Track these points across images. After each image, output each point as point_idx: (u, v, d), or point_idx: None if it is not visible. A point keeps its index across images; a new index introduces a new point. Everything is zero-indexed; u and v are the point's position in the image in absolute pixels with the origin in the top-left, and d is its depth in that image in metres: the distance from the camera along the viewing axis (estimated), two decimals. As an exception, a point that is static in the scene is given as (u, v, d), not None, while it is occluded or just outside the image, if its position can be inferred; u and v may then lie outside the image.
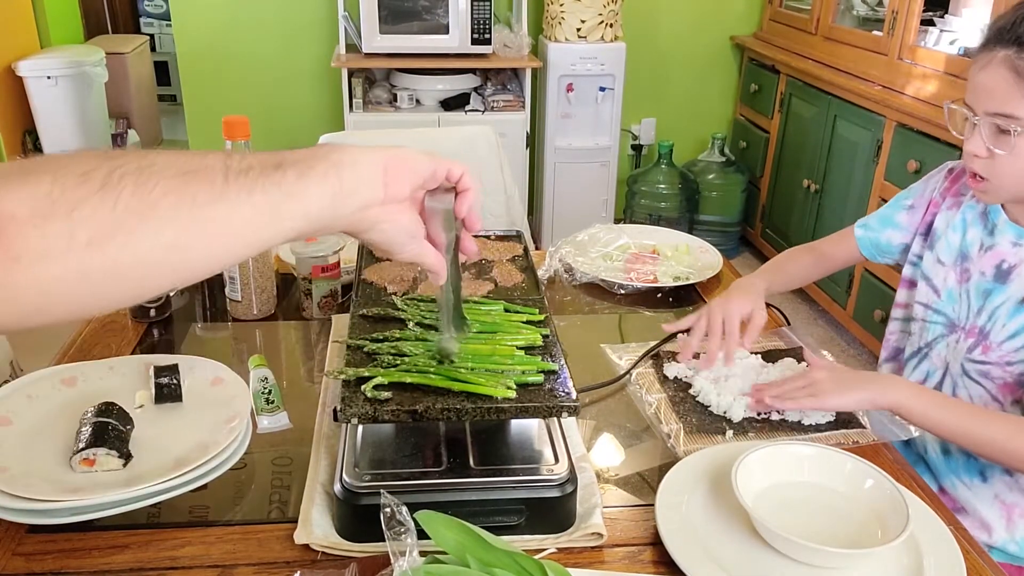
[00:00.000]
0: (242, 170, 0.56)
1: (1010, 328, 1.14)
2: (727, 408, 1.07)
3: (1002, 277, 1.15)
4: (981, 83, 1.06)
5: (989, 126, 1.06)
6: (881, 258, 1.34)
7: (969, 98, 1.09)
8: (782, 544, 0.81)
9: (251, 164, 0.57)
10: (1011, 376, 1.14)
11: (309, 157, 0.61)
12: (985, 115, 1.06)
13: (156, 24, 6.53)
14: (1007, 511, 1.18)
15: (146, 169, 0.53)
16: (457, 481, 0.85)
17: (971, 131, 1.08)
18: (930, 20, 2.89)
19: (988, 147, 1.06)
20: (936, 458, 1.24)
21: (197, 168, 0.55)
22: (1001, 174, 1.07)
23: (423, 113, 3.32)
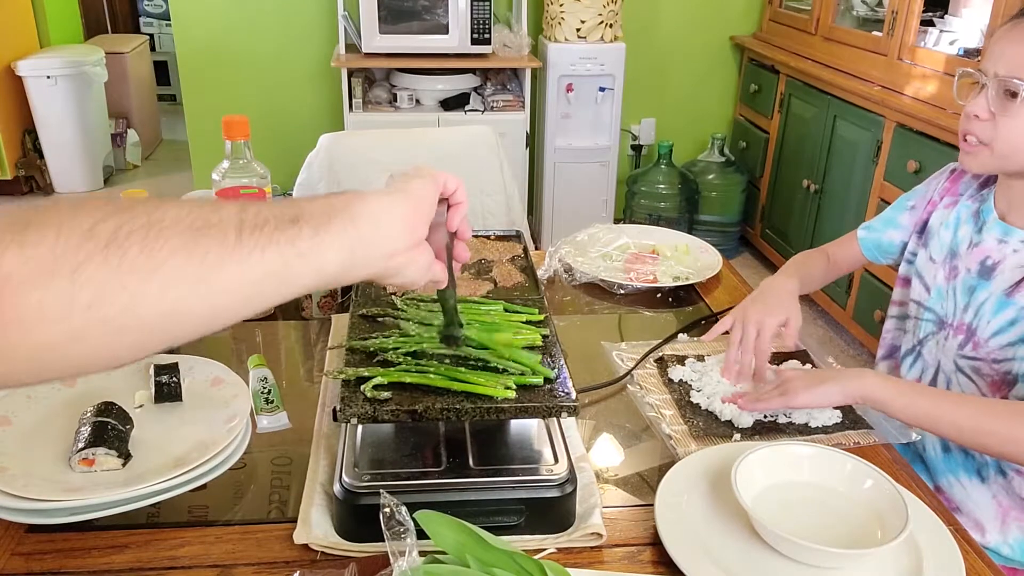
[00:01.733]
0: (257, 225, 0.54)
1: (994, 325, 1.14)
2: (733, 416, 1.07)
3: (986, 273, 1.15)
4: (1000, 47, 1.07)
5: (998, 88, 1.06)
6: (883, 259, 1.34)
7: (984, 63, 1.09)
8: (781, 544, 0.81)
9: (267, 218, 0.55)
10: (997, 374, 1.15)
11: (327, 210, 0.59)
12: (996, 76, 1.06)
13: (156, 24, 6.53)
14: (1002, 513, 1.18)
15: (155, 225, 0.50)
16: (457, 481, 0.85)
17: (977, 93, 1.09)
18: (930, 20, 2.89)
19: (991, 109, 1.07)
20: (935, 456, 1.24)
21: (209, 224, 0.52)
22: (1000, 139, 1.08)
23: (423, 113, 3.32)
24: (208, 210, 0.53)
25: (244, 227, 0.53)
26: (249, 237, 0.53)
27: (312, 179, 2.02)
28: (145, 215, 0.50)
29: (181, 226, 0.51)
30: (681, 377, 1.16)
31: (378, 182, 2.04)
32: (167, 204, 0.52)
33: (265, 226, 0.54)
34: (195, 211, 0.52)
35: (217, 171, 1.35)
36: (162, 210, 0.51)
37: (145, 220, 0.50)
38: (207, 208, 0.53)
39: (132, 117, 5.09)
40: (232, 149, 1.35)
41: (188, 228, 0.51)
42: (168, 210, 0.51)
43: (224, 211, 0.53)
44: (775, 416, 1.07)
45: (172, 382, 1.02)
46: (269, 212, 0.55)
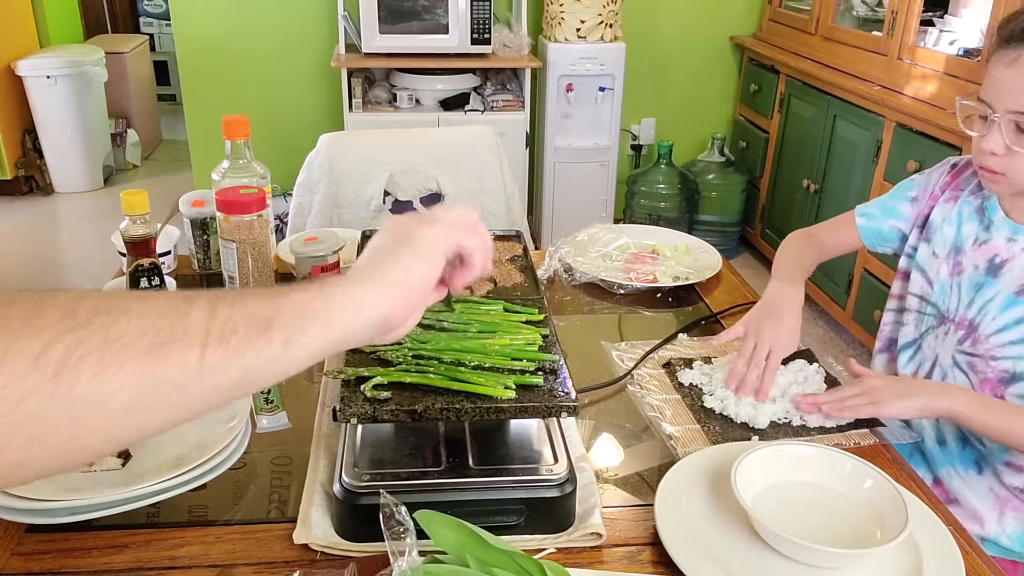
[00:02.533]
0: (224, 336, 0.50)
1: (999, 322, 1.14)
2: (749, 418, 1.06)
3: (994, 271, 1.16)
4: (1004, 80, 1.04)
5: (1010, 124, 1.05)
6: (880, 246, 1.34)
7: (987, 95, 1.07)
8: (781, 544, 0.81)
9: (236, 326, 0.51)
10: (993, 372, 1.15)
11: (304, 313, 0.55)
12: (1007, 113, 1.04)
13: (156, 24, 6.54)
14: (1000, 504, 1.18)
15: (113, 343, 0.46)
16: (456, 481, 0.84)
17: (988, 128, 1.07)
18: (930, 20, 2.89)
19: (1007, 145, 1.05)
20: (932, 448, 1.25)
21: (173, 337, 0.48)
22: (1017, 169, 1.07)
23: (423, 113, 3.32)
24: (172, 318, 0.49)
25: (210, 340, 0.50)
26: (213, 354, 0.50)
27: (312, 179, 2.02)
28: (103, 330, 0.46)
29: (141, 344, 0.47)
30: (691, 381, 1.16)
31: (378, 182, 2.03)
32: (130, 311, 0.48)
33: (233, 336, 0.51)
34: (159, 321, 0.48)
35: (217, 171, 1.35)
36: (123, 322, 0.47)
37: (102, 337, 0.46)
38: (172, 315, 0.49)
39: (132, 117, 5.09)
40: (232, 149, 1.35)
41: (149, 346, 0.47)
42: (130, 321, 0.47)
43: (192, 317, 0.50)
44: (790, 419, 1.07)
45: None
46: (240, 316, 0.52)
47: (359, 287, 0.60)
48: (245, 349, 0.51)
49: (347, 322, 0.58)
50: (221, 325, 0.50)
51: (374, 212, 2.01)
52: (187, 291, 0.53)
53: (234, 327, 0.51)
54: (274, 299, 0.54)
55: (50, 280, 3.56)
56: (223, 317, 0.51)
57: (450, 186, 2.04)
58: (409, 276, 0.64)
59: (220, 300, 0.52)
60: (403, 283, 0.63)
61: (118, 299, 0.49)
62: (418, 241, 0.66)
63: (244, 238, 1.27)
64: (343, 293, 0.59)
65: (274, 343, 0.53)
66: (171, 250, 1.47)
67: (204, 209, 1.44)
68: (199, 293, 0.52)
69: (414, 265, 0.65)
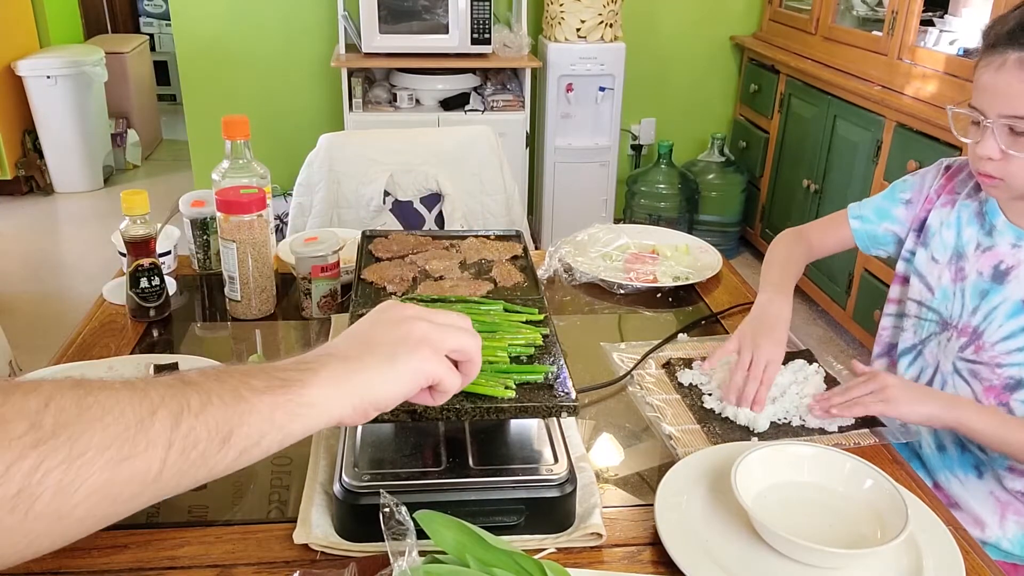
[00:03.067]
0: (185, 449, 0.51)
1: (1006, 329, 1.14)
2: (750, 420, 1.06)
3: (999, 278, 1.15)
4: (993, 85, 1.04)
5: (1003, 128, 1.04)
6: (875, 250, 1.34)
7: (978, 101, 1.07)
8: (781, 544, 0.81)
9: (198, 439, 0.52)
10: (998, 379, 1.15)
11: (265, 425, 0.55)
12: (999, 117, 1.04)
13: (156, 24, 6.54)
14: (1001, 508, 1.18)
15: (76, 460, 0.46)
16: (456, 481, 0.84)
17: (981, 134, 1.07)
18: (930, 20, 2.89)
19: (1002, 149, 1.05)
20: (931, 453, 1.25)
21: (135, 452, 0.49)
22: (1015, 174, 1.06)
23: (423, 113, 3.32)
24: (136, 429, 0.49)
25: (171, 453, 0.50)
26: (172, 466, 0.51)
27: (312, 179, 2.02)
28: (68, 444, 0.46)
29: (103, 458, 0.47)
30: (691, 381, 1.16)
31: (378, 182, 2.03)
32: (95, 423, 0.48)
33: (193, 451, 0.51)
34: (123, 432, 0.49)
35: (217, 171, 1.35)
36: (88, 435, 0.47)
37: (66, 453, 0.46)
38: (136, 426, 0.49)
39: (132, 117, 5.09)
40: (232, 149, 1.35)
41: (111, 460, 0.48)
42: (94, 434, 0.47)
43: (155, 429, 0.50)
44: (790, 419, 1.07)
45: (172, 382, 1.02)
46: (203, 428, 0.52)
47: (319, 387, 0.59)
48: (203, 461, 0.52)
49: (301, 430, 0.58)
50: (183, 438, 0.51)
51: (374, 212, 2.01)
52: (155, 386, 0.52)
53: (195, 440, 0.52)
54: (238, 407, 0.54)
55: (50, 280, 3.56)
56: (185, 429, 0.51)
57: (450, 186, 2.04)
58: (372, 393, 0.62)
59: (185, 409, 0.52)
60: (362, 398, 0.61)
61: (85, 404, 0.48)
62: (402, 357, 0.64)
63: (244, 238, 1.27)
64: (304, 402, 0.58)
65: (231, 454, 0.54)
66: (171, 250, 1.48)
67: (204, 209, 1.44)
68: (165, 396, 0.51)
69: (381, 384, 0.62)
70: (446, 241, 1.30)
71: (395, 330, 0.65)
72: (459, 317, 0.71)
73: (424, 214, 2.06)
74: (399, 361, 0.63)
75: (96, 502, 0.48)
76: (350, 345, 0.64)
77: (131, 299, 1.29)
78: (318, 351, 0.64)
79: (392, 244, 1.27)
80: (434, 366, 0.65)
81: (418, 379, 0.64)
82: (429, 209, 2.07)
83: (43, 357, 1.24)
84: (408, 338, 0.65)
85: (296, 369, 0.60)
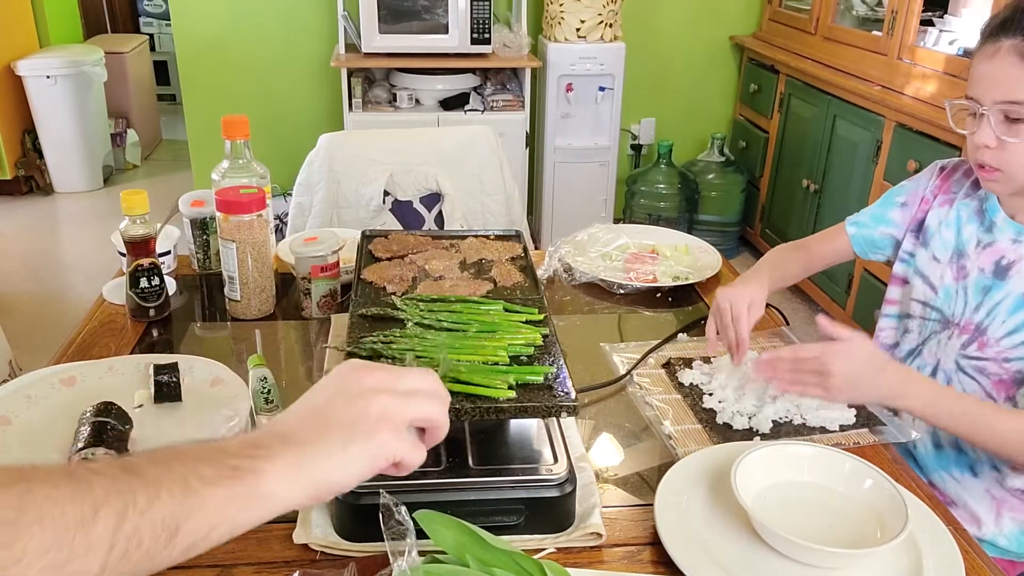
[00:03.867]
0: (127, 552, 0.49)
1: (1009, 324, 1.14)
2: (753, 424, 1.06)
3: (1001, 273, 1.15)
4: (988, 73, 1.06)
5: (998, 115, 1.06)
6: (873, 254, 1.34)
7: (974, 91, 1.08)
8: (781, 544, 0.81)
9: (142, 538, 0.49)
10: (1007, 373, 1.15)
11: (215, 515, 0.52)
12: (993, 104, 1.05)
13: (155, 24, 6.54)
14: (996, 505, 1.18)
15: (12, 567, 0.44)
16: (456, 481, 0.84)
17: (978, 123, 1.08)
18: (929, 20, 2.89)
19: (998, 136, 1.06)
20: (925, 453, 1.25)
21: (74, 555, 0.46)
22: (1012, 162, 1.07)
23: (422, 113, 3.32)
24: (76, 530, 0.47)
25: (112, 556, 0.48)
26: (112, 570, 0.48)
27: (312, 179, 2.02)
28: (5, 549, 0.44)
29: (40, 564, 0.45)
30: (691, 381, 1.16)
31: (378, 182, 2.02)
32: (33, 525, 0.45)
33: (137, 551, 0.49)
34: (63, 535, 0.46)
35: (217, 171, 1.35)
36: (25, 538, 0.45)
37: (3, 558, 0.44)
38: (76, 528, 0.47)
39: (132, 117, 5.09)
40: (232, 149, 1.35)
41: (48, 566, 0.46)
42: (32, 537, 0.45)
43: (97, 531, 0.47)
44: (791, 418, 1.08)
45: (172, 382, 1.02)
46: (148, 526, 0.49)
47: (274, 479, 0.55)
48: (147, 559, 0.50)
49: (254, 521, 0.55)
50: (126, 539, 0.48)
51: (374, 212, 2.01)
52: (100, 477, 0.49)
53: (139, 540, 0.49)
54: (187, 501, 0.51)
55: (50, 280, 3.56)
56: (129, 529, 0.48)
57: (450, 186, 2.04)
58: (328, 480, 0.58)
59: (131, 507, 0.49)
60: (317, 487, 0.57)
61: (25, 502, 0.46)
62: (358, 441, 0.59)
63: (244, 238, 1.27)
64: (259, 494, 0.55)
65: (177, 549, 0.51)
66: (171, 250, 1.48)
67: (204, 209, 1.44)
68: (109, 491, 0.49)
69: (337, 472, 0.58)
70: (446, 241, 1.30)
71: (352, 406, 0.61)
72: (424, 377, 0.65)
73: (424, 214, 2.06)
74: (356, 445, 0.59)
75: None
76: (304, 425, 0.60)
77: (131, 299, 1.29)
78: (269, 430, 0.60)
79: (392, 244, 1.27)
80: (394, 446, 0.61)
81: (377, 462, 0.60)
82: (429, 209, 2.07)
83: (43, 357, 1.24)
84: (366, 416, 0.60)
85: (248, 456, 0.55)
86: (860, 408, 1.10)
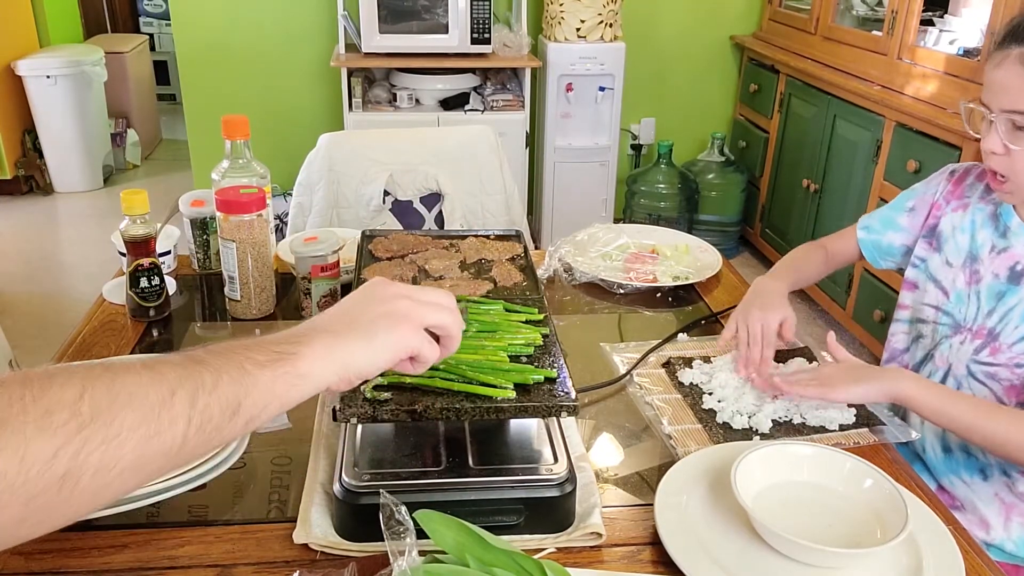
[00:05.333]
0: (202, 424, 0.57)
1: (1022, 330, 1.14)
2: (753, 424, 1.06)
3: (1016, 279, 1.15)
4: (996, 81, 1.06)
5: (1005, 123, 1.06)
6: (883, 261, 1.34)
7: (985, 96, 1.09)
8: (781, 544, 0.81)
9: (211, 415, 0.58)
10: (1018, 379, 1.14)
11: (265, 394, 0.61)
12: (1001, 112, 1.06)
13: (155, 24, 6.54)
14: (1006, 510, 1.18)
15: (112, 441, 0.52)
16: (456, 481, 0.84)
17: (988, 129, 1.09)
18: (929, 20, 2.89)
19: (1005, 144, 1.06)
20: (935, 458, 1.24)
21: (161, 430, 0.54)
22: (1019, 170, 1.07)
23: (422, 113, 3.32)
24: (160, 408, 0.55)
25: (190, 428, 0.56)
26: (192, 438, 0.56)
27: (312, 179, 2.02)
28: (103, 428, 0.51)
29: (135, 438, 0.53)
30: (691, 380, 1.16)
31: (378, 182, 2.03)
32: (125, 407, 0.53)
33: (208, 424, 0.57)
34: (149, 413, 0.54)
35: (217, 171, 1.35)
36: (120, 418, 0.52)
37: (102, 436, 0.51)
38: (160, 406, 0.55)
39: (132, 117, 5.09)
40: (232, 149, 1.35)
41: (141, 439, 0.53)
42: (126, 417, 0.53)
43: (176, 408, 0.55)
44: (790, 417, 1.08)
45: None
46: (215, 404, 0.58)
47: (311, 360, 0.65)
48: (217, 432, 0.59)
49: (297, 398, 0.64)
50: (200, 414, 0.57)
51: (374, 212, 2.01)
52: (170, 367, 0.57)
53: (210, 415, 0.57)
54: (244, 381, 0.60)
55: (50, 280, 3.56)
56: (201, 406, 0.57)
57: (450, 186, 2.04)
58: (356, 364, 0.67)
59: (200, 388, 0.57)
60: (347, 368, 0.67)
61: (115, 391, 0.53)
62: (383, 332, 0.69)
63: (244, 238, 1.27)
64: (299, 373, 0.64)
65: (239, 423, 0.60)
66: (171, 250, 1.48)
67: (204, 209, 1.44)
68: (181, 376, 0.57)
69: (363, 356, 0.68)
70: (446, 241, 1.30)
71: (379, 307, 0.71)
72: (443, 295, 0.75)
73: (424, 214, 2.06)
74: (380, 336, 0.69)
75: (129, 476, 0.53)
76: (336, 320, 0.70)
77: (131, 299, 1.29)
78: (306, 325, 0.69)
79: (392, 244, 1.27)
80: (413, 340, 0.71)
81: (398, 352, 0.70)
82: (429, 209, 2.07)
83: (43, 357, 1.23)
84: (390, 314, 0.70)
85: (289, 343, 0.65)
86: (860, 408, 1.10)
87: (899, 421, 1.09)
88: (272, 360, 0.63)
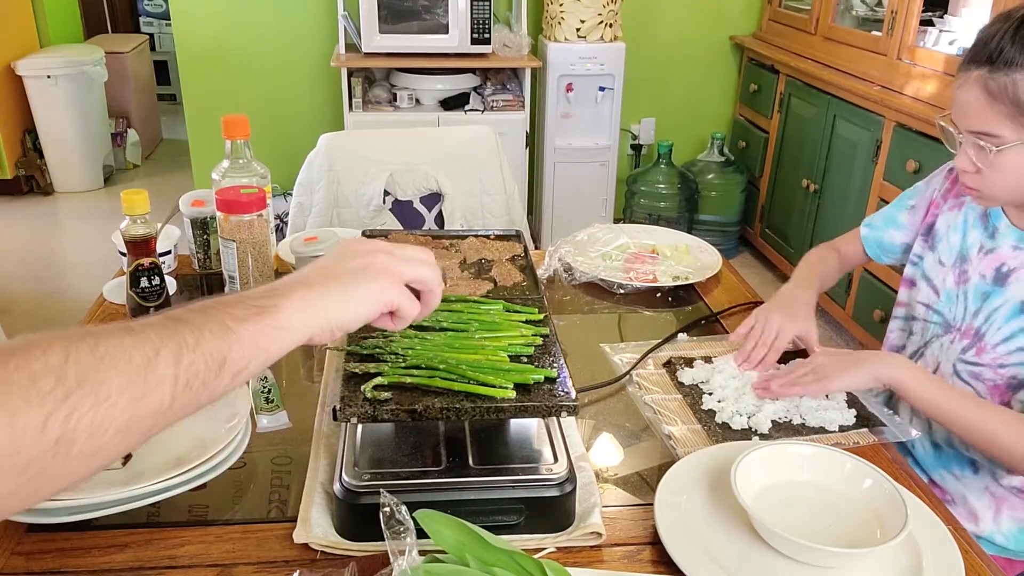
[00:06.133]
0: (189, 381, 0.57)
1: (1005, 331, 1.14)
2: (752, 424, 1.06)
3: (1001, 280, 1.16)
4: (959, 101, 1.08)
5: (970, 143, 1.07)
6: (885, 258, 1.35)
7: (953, 115, 1.10)
8: (781, 544, 0.82)
9: (198, 371, 0.58)
10: (1002, 379, 1.15)
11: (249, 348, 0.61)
12: (966, 132, 1.08)
13: (156, 23, 6.54)
14: (995, 503, 1.19)
15: (102, 404, 0.52)
16: (456, 480, 0.85)
17: (958, 147, 1.11)
18: (929, 20, 2.89)
19: (974, 162, 1.08)
20: (924, 454, 1.25)
21: (148, 390, 0.55)
22: (990, 186, 1.09)
23: (422, 113, 3.32)
24: (146, 370, 0.55)
25: (177, 386, 0.56)
26: (180, 396, 0.57)
27: (312, 178, 2.02)
28: (92, 393, 0.51)
29: (124, 400, 0.53)
30: (691, 380, 1.16)
31: (378, 182, 2.03)
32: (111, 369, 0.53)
33: (195, 380, 0.58)
34: (135, 377, 0.54)
35: (217, 170, 1.35)
36: (107, 382, 0.52)
37: (92, 400, 0.51)
38: (145, 368, 0.55)
39: (132, 117, 5.09)
40: (232, 149, 1.35)
41: (130, 400, 0.53)
42: (112, 379, 0.53)
43: (161, 367, 0.55)
44: (790, 418, 1.08)
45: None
46: (200, 360, 0.58)
47: (291, 312, 0.65)
48: (204, 389, 0.59)
49: (280, 350, 0.65)
50: (186, 372, 0.57)
51: (374, 212, 2.01)
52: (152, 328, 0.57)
53: (196, 372, 0.58)
54: (227, 337, 0.60)
55: (50, 280, 3.56)
56: (187, 364, 0.57)
57: (450, 186, 2.04)
58: (337, 315, 0.68)
59: (183, 346, 0.57)
60: (328, 320, 0.67)
61: (99, 354, 0.53)
62: (363, 284, 0.70)
63: (244, 238, 1.27)
64: (280, 325, 0.64)
65: (226, 379, 0.60)
66: (171, 250, 1.48)
67: (204, 209, 1.44)
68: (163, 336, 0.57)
69: (343, 307, 0.69)
70: (446, 241, 1.30)
71: (358, 260, 0.72)
72: (421, 251, 0.76)
73: (424, 214, 2.06)
74: (360, 288, 0.69)
75: (122, 438, 0.54)
76: (316, 274, 0.70)
77: (131, 299, 1.29)
78: (287, 279, 0.69)
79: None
80: (392, 294, 0.71)
81: (378, 305, 0.71)
82: (429, 209, 2.07)
83: (43, 357, 1.23)
84: (368, 267, 0.71)
85: (268, 296, 0.65)
86: (860, 408, 1.10)
87: (899, 420, 1.10)
88: (253, 314, 0.63)
